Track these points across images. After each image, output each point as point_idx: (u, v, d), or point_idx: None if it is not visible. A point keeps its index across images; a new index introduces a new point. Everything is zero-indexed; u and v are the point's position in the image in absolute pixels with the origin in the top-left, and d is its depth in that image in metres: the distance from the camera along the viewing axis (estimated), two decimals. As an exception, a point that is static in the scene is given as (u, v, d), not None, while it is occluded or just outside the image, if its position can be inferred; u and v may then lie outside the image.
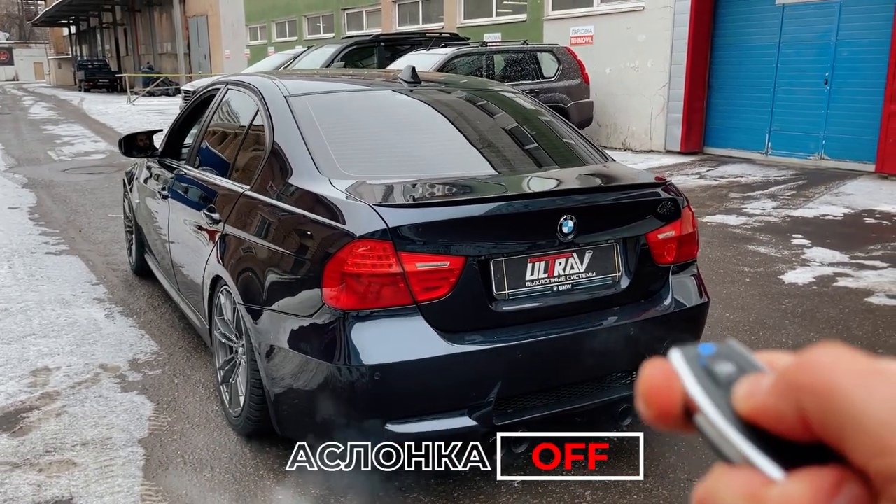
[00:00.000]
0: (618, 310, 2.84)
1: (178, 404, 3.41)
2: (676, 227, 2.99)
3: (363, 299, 2.44)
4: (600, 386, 2.84)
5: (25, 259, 5.93)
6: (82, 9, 50.66)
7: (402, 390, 2.47)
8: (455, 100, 3.52)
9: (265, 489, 2.73)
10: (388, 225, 2.43)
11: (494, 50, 11.97)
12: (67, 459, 2.90)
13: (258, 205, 2.96)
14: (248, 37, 28.21)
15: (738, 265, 5.83)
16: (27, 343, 4.10)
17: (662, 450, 3.07)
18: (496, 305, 2.60)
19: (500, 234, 2.59)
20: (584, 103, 12.42)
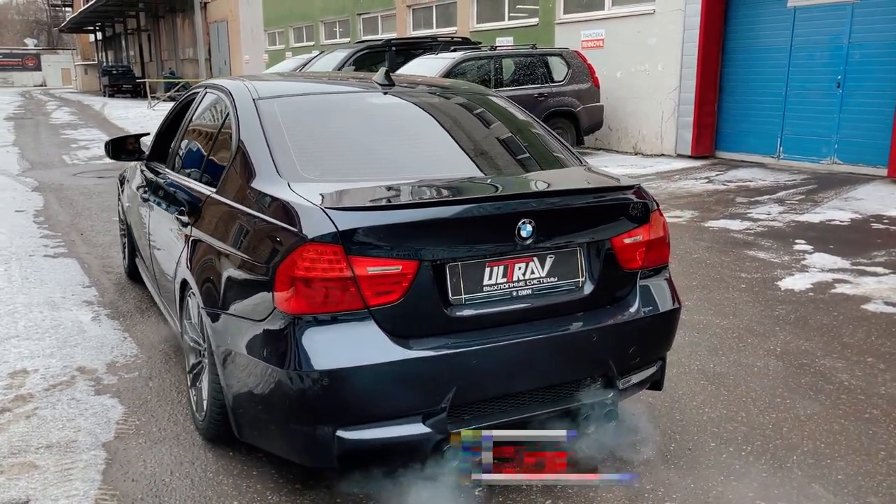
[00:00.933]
0: (581, 315, 2.78)
1: (148, 408, 3.40)
2: (644, 232, 2.93)
3: (313, 304, 2.41)
4: (563, 393, 2.79)
5: (23, 262, 5.99)
6: (108, 15, 51.38)
7: (353, 396, 2.43)
8: (427, 103, 3.48)
9: (222, 494, 2.71)
10: (338, 228, 2.40)
11: (503, 54, 11.93)
12: (29, 462, 2.91)
13: (221, 208, 2.95)
14: (267, 42, 28.43)
15: (736, 271, 5.74)
16: (9, 345, 4.12)
17: (629, 458, 2.99)
18: (452, 310, 2.56)
19: (455, 238, 2.55)
20: (595, 107, 12.34)
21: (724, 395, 3.59)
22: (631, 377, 2.94)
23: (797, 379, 3.78)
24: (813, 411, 3.42)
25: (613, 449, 3.05)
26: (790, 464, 2.98)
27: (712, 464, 2.98)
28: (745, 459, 3.01)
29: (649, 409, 3.45)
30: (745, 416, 3.38)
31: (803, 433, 3.22)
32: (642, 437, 3.19)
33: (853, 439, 3.17)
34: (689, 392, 3.63)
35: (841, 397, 3.57)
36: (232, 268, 2.73)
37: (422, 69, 11.60)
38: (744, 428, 3.27)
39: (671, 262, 5.80)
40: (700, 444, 3.14)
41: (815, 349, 4.17)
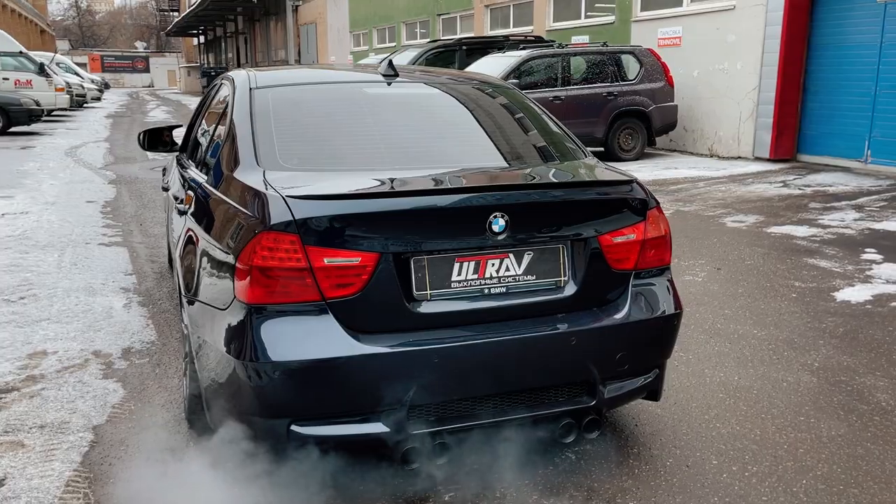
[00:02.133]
0: (562, 317, 2.62)
1: (147, 394, 3.45)
2: (638, 231, 2.74)
3: (270, 294, 2.36)
4: (539, 398, 2.63)
5: (78, 249, 6.25)
6: (209, 19, 53.65)
7: (307, 391, 2.36)
8: (428, 94, 3.38)
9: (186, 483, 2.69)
10: (295, 217, 2.34)
11: (571, 52, 11.67)
12: (19, 441, 2.98)
13: (208, 197, 2.95)
14: (352, 43, 28.94)
15: (789, 279, 5.36)
16: (38, 327, 4.28)
17: (617, 471, 2.81)
18: (415, 306, 2.45)
19: (420, 231, 2.44)
20: (667, 107, 11.91)
21: (741, 411, 3.33)
22: (619, 385, 2.75)
23: (829, 397, 3.47)
24: (838, 433, 3.13)
25: (602, 459, 2.87)
26: (797, 488, 2.72)
27: (708, 483, 2.75)
28: (748, 481, 2.77)
29: (655, 419, 3.24)
30: (760, 433, 3.12)
31: (820, 456, 2.94)
32: (639, 449, 2.99)
33: (875, 465, 2.87)
34: (704, 405, 3.39)
35: (874, 419, 3.25)
36: (206, 255, 2.72)
37: (487, 68, 11.49)
38: (754, 447, 3.01)
39: (720, 269, 5.52)
40: (700, 461, 2.91)
41: (858, 366, 3.83)
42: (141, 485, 2.68)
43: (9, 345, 4.00)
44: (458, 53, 13.66)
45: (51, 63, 25.29)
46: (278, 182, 2.53)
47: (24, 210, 7.88)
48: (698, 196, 8.81)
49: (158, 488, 2.66)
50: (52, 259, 5.85)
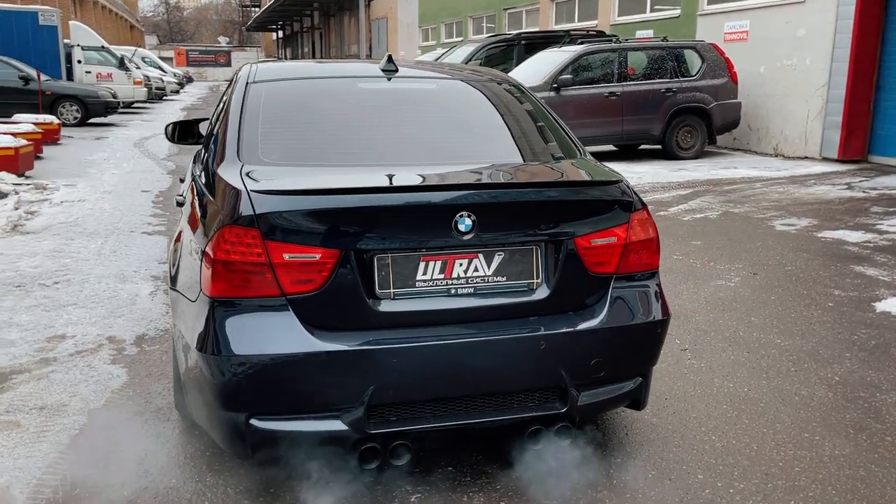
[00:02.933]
0: (533, 320, 2.54)
1: (149, 381, 3.54)
2: (620, 234, 2.64)
3: (232, 287, 2.37)
4: (507, 403, 2.57)
5: (121, 237, 6.48)
6: (287, 14, 54.89)
7: (266, 385, 2.37)
8: (425, 89, 3.34)
9: (163, 471, 2.74)
10: (256, 212, 2.34)
11: (628, 47, 11.39)
12: (16, 421, 3.11)
13: (196, 190, 3.00)
14: (421, 38, 29.07)
15: (829, 287, 5.09)
16: (64, 312, 4.46)
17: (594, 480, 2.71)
18: (378, 305, 2.42)
19: (383, 229, 2.40)
20: (730, 104, 11.50)
21: (742, 424, 3.18)
22: (595, 393, 2.65)
23: (841, 414, 3.27)
24: (842, 452, 2.94)
25: (583, 467, 2.78)
26: (782, 509, 2.57)
27: (687, 499, 2.63)
28: (730, 499, 2.63)
29: (648, 429, 3.12)
30: (756, 449, 2.97)
31: (816, 476, 2.77)
32: (623, 458, 2.89)
33: (874, 489, 2.69)
34: (704, 416, 3.24)
35: (885, 439, 3.05)
36: (186, 248, 2.76)
37: (542, 63, 11.35)
38: (746, 462, 2.87)
39: (756, 274, 5.28)
40: (685, 475, 2.79)
41: (882, 381, 3.60)
42: (119, 469, 2.75)
43: (32, 328, 4.18)
44: (517, 49, 13.53)
45: (133, 57, 26.38)
46: (251, 177, 2.54)
47: (82, 198, 8.23)
48: (752, 197, 8.46)
49: (135, 473, 2.72)
50: (94, 246, 6.08)
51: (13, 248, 5.95)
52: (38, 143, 10.95)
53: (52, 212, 7.48)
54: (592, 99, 10.95)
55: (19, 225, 6.89)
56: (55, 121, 13.61)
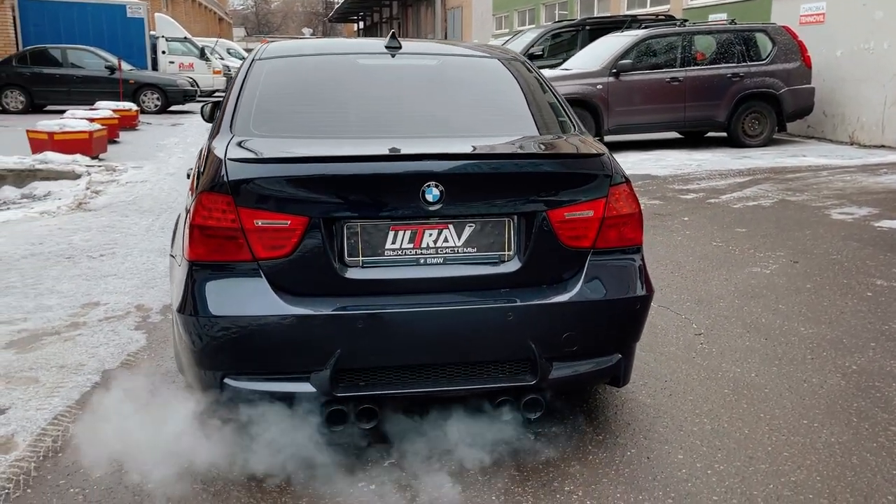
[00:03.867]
0: (503, 292, 2.55)
1: (164, 347, 3.71)
2: (597, 207, 2.61)
3: (207, 252, 2.48)
4: (475, 372, 2.59)
5: (172, 215, 6.76)
6: (367, 5, 55.58)
7: (237, 346, 2.47)
8: (422, 65, 3.36)
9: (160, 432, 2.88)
10: (229, 179, 2.44)
11: (693, 30, 11.06)
12: (35, 377, 3.32)
13: (196, 163, 3.13)
14: (494, 26, 28.97)
15: (873, 277, 4.85)
16: (103, 281, 4.72)
17: (570, 455, 2.70)
18: (345, 271, 2.48)
19: (351, 197, 2.46)
20: (802, 90, 11.02)
21: (739, 408, 3.09)
22: (569, 367, 2.64)
23: (848, 402, 3.14)
24: (838, 439, 2.83)
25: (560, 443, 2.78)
26: (757, 492, 2.50)
27: (660, 478, 2.59)
28: (706, 480, 2.58)
29: (638, 409, 3.08)
30: (747, 433, 2.89)
31: (803, 462, 2.68)
32: (604, 436, 2.86)
33: (862, 477, 2.58)
34: (701, 399, 3.17)
35: (889, 429, 2.91)
36: (181, 215, 2.90)
37: (602, 48, 11.15)
38: (733, 446, 2.79)
39: (796, 262, 5.09)
40: (665, 454, 2.74)
41: (903, 372, 3.42)
42: (119, 424, 2.90)
43: (71, 295, 4.45)
44: (581, 34, 13.33)
45: (215, 47, 27.31)
46: (234, 147, 2.64)
47: (145, 179, 8.64)
48: (813, 185, 8.10)
49: (132, 428, 2.87)
50: (145, 223, 6.39)
51: (73, 224, 6.31)
52: (113, 128, 11.54)
53: (116, 191, 7.88)
54: (653, 84, 10.70)
55: (84, 203, 7.30)
56: (133, 107, 14.28)
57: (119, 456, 2.66)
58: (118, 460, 2.64)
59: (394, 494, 2.47)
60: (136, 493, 2.48)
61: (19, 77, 16.85)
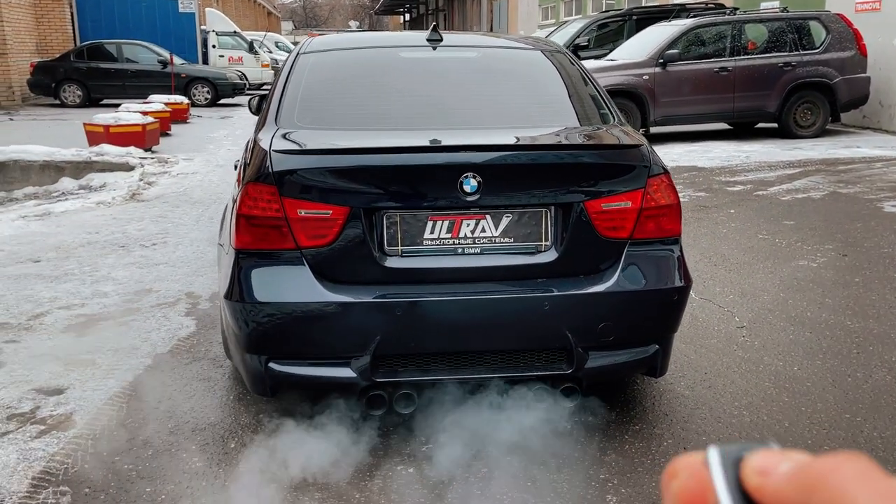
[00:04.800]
0: (540, 282, 2.59)
1: (213, 333, 3.83)
2: (635, 198, 2.62)
3: (253, 240, 2.57)
4: (512, 360, 2.63)
5: (221, 206, 6.90)
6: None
7: (281, 331, 2.56)
8: (464, 57, 3.40)
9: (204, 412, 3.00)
10: (273, 170, 2.52)
11: (743, 19, 10.83)
12: (93, 360, 3.48)
13: (243, 155, 3.23)
14: (540, 17, 28.76)
15: (924, 271, 4.73)
16: (156, 269, 4.88)
17: (606, 444, 2.73)
18: (384, 260, 2.54)
19: (391, 188, 2.52)
20: (857, 79, 10.70)
21: (780, 402, 3.07)
22: (604, 356, 2.66)
23: (894, 398, 3.09)
24: (881, 434, 2.80)
25: (597, 431, 2.81)
26: (795, 485, 2.49)
27: (698, 468, 2.59)
28: (744, 471, 2.57)
29: (676, 399, 3.08)
30: (787, 427, 2.87)
31: (844, 456, 2.65)
32: (641, 426, 2.88)
33: (904, 474, 2.54)
34: (741, 392, 3.16)
35: (935, 425, 2.86)
36: (229, 205, 3.00)
37: (649, 38, 11.01)
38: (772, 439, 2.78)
39: (845, 256, 4.99)
40: (701, 445, 2.73)
41: (953, 368, 3.35)
42: (169, 405, 3.04)
43: (126, 282, 4.62)
44: (627, 24, 13.17)
45: (264, 41, 27.74)
46: (279, 139, 2.72)
47: (195, 171, 8.86)
48: (867, 178, 7.90)
49: (181, 409, 3.00)
50: (195, 213, 6.58)
51: (126, 214, 6.53)
52: (165, 121, 11.84)
53: (168, 182, 8.11)
54: (701, 75, 10.52)
55: (137, 194, 7.53)
56: (184, 101, 14.61)
57: (168, 435, 2.78)
58: (168, 440, 2.75)
59: (426, 480, 2.53)
60: (185, 470, 2.59)
61: (76, 72, 17.37)
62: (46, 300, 4.26)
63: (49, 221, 6.25)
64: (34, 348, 3.60)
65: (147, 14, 21.32)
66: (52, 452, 2.68)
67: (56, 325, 3.91)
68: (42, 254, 5.20)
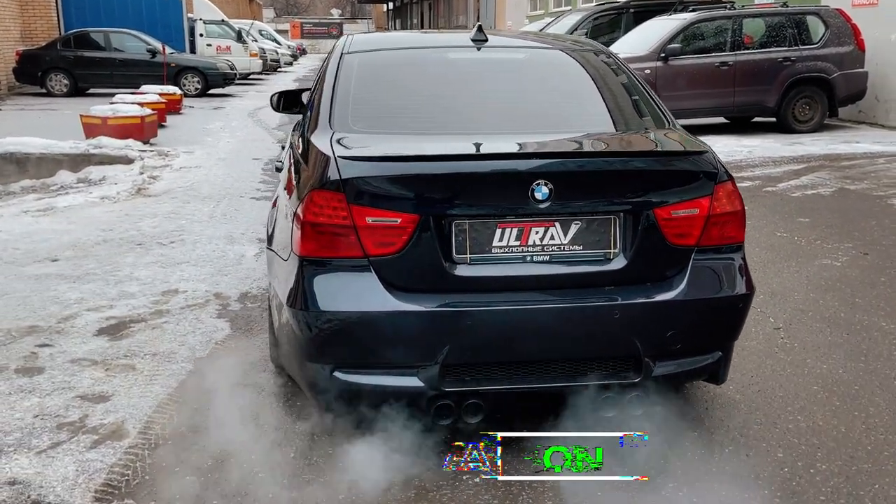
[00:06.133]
0: (609, 290, 2.56)
1: (249, 335, 3.78)
2: (703, 205, 2.60)
3: (319, 248, 2.52)
4: (579, 369, 2.61)
5: (232, 201, 6.86)
6: (397, -15, 55.22)
7: (349, 340, 2.52)
8: (512, 59, 3.36)
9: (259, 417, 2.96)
10: (342, 177, 2.47)
11: (743, 14, 10.89)
12: (132, 365, 3.41)
13: (292, 158, 3.17)
14: (529, 7, 28.68)
15: (947, 270, 4.78)
16: (177, 269, 4.80)
17: (668, 452, 2.72)
18: (454, 268, 2.51)
19: (461, 195, 2.48)
20: (855, 74, 10.80)
21: (832, 405, 3.09)
22: (672, 365, 2.65)
23: (944, 400, 3.12)
24: (939, 440, 2.82)
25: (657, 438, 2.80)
26: (864, 492, 2.50)
27: (765, 476, 2.60)
28: (810, 478, 2.58)
29: (729, 405, 3.09)
30: (843, 432, 2.88)
31: (906, 462, 2.67)
32: (700, 432, 2.87)
33: (969, 480, 2.56)
34: (791, 396, 3.17)
35: None
36: (281, 210, 2.94)
37: (650, 32, 11.02)
38: (832, 444, 2.79)
39: (867, 254, 5.03)
40: (764, 452, 2.75)
41: None
42: (220, 412, 2.99)
43: (150, 282, 4.54)
44: (625, 17, 13.17)
45: (250, 30, 27.42)
46: (340, 144, 2.67)
47: (198, 164, 8.74)
48: (872, 174, 7.97)
49: (234, 417, 2.95)
50: (207, 209, 6.48)
51: (137, 210, 6.43)
52: (161, 112, 11.65)
53: (172, 177, 7.99)
54: (702, 69, 10.55)
55: (143, 188, 7.41)
56: (178, 91, 14.40)
57: (227, 444, 2.73)
58: (228, 449, 2.71)
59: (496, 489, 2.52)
60: (250, 480, 2.55)
61: (63, 60, 17.05)
62: (73, 301, 4.17)
63: (57, 217, 6.13)
64: (70, 352, 3.52)
65: (133, 2, 20.95)
66: (111, 464, 2.62)
67: (88, 327, 3.83)
68: (59, 252, 5.10)
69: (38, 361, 3.43)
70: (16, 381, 3.24)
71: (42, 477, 2.53)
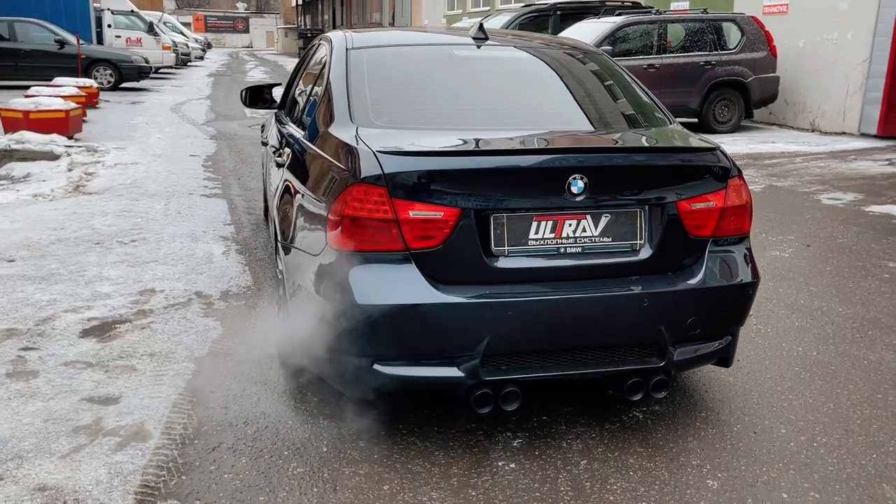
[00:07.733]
0: (636, 279, 2.69)
1: (243, 333, 3.72)
2: (718, 198, 2.77)
3: (359, 242, 2.53)
4: (608, 356, 2.73)
5: (182, 199, 6.66)
6: (307, -19, 54.38)
7: (389, 333, 2.54)
8: (516, 57, 3.46)
9: (279, 412, 2.93)
10: (384, 171, 2.49)
11: (668, 19, 11.37)
12: (131, 366, 3.30)
13: (304, 151, 3.15)
14: (446, 6, 28.88)
15: (883, 259, 5.20)
16: (147, 268, 4.65)
17: (683, 432, 2.89)
18: (493, 261, 2.58)
19: (501, 190, 2.55)
20: (768, 78, 11.49)
21: (816, 385, 3.33)
22: (689, 349, 2.81)
23: (910, 377, 3.42)
24: (916, 412, 3.10)
25: (669, 421, 2.96)
26: (866, 461, 2.73)
27: (775, 450, 2.80)
28: (815, 451, 2.80)
29: (725, 387, 3.28)
30: (833, 407, 3.13)
31: (895, 433, 2.93)
32: (706, 413, 3.05)
33: (951, 446, 2.84)
34: (778, 377, 3.40)
35: (956, 401, 3.19)
36: (301, 205, 2.92)
37: (581, 34, 11.33)
38: (826, 419, 3.03)
39: (809, 246, 5.40)
40: (769, 428, 2.95)
41: (946, 349, 3.73)
42: (238, 410, 2.94)
43: (122, 282, 4.38)
44: (552, 19, 13.51)
45: (158, 22, 26.43)
46: (370, 138, 2.69)
47: (135, 161, 8.42)
48: (794, 171, 8.53)
49: (253, 414, 2.91)
50: (159, 207, 6.27)
51: (83, 208, 6.15)
52: (83, 106, 11.12)
53: (110, 174, 7.67)
54: (630, 71, 10.95)
55: (81, 186, 7.09)
56: (94, 84, 13.76)
57: (254, 442, 2.70)
58: (256, 447, 2.68)
59: (531, 473, 2.60)
60: (291, 476, 2.54)
61: (-39, 50, 15.99)
62: (46, 303, 3.98)
63: (-4, 216, 5.79)
64: (60, 355, 3.37)
65: (35, -11, 19.83)
66: (143, 465, 2.55)
67: (70, 329, 3.67)
68: (13, 252, 4.84)
69: (28, 365, 3.27)
70: (11, 385, 3.08)
71: (73, 481, 2.44)
